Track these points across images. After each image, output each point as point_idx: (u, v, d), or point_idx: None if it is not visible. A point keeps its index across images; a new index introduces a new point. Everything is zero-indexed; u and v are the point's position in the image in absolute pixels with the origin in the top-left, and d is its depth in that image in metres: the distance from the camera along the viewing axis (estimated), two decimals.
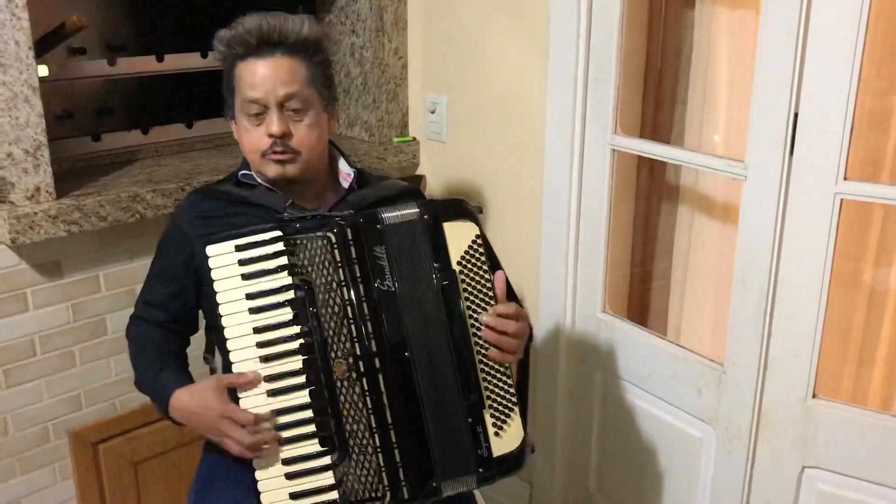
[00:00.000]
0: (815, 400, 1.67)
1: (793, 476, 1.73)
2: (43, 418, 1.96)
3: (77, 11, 1.99)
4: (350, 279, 1.38)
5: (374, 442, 1.38)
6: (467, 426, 1.40)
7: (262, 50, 1.47)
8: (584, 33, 1.91)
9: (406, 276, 1.40)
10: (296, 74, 1.48)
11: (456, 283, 1.40)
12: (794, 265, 1.64)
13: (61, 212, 1.79)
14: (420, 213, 1.41)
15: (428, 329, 1.40)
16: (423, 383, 1.39)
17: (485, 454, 1.41)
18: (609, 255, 2.03)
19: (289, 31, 1.48)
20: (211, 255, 1.39)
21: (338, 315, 1.38)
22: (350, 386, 1.37)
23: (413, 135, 2.48)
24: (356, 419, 1.38)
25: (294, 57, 1.49)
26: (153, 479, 2.16)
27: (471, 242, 1.42)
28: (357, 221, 1.40)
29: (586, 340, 2.11)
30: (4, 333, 1.86)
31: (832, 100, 1.52)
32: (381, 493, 1.38)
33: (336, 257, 1.38)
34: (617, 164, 1.97)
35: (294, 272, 1.38)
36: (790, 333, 1.67)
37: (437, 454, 1.40)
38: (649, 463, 2.04)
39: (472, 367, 1.40)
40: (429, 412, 1.40)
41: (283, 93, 1.47)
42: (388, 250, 1.39)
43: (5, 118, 1.72)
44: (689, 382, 1.88)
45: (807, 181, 1.58)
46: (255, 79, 1.47)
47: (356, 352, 1.38)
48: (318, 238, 1.38)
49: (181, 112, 2.37)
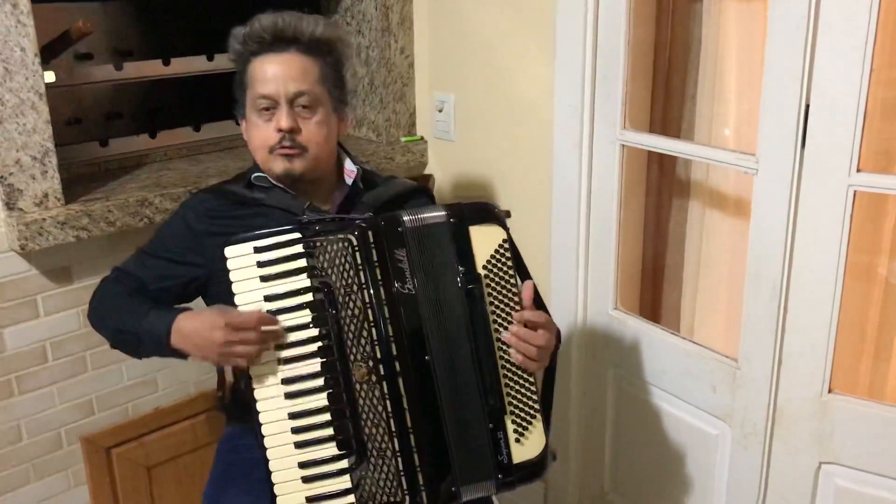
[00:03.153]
0: (830, 395, 1.65)
1: (810, 472, 1.71)
2: (55, 424, 1.96)
3: (82, 17, 1.98)
4: (371, 281, 1.37)
5: (394, 446, 1.37)
6: (488, 431, 1.40)
7: (275, 46, 1.50)
8: (591, 28, 1.90)
9: (427, 279, 1.39)
10: (308, 72, 1.50)
11: (480, 287, 1.39)
12: (808, 259, 1.62)
13: (70, 218, 1.79)
14: (447, 215, 1.40)
15: (449, 333, 1.39)
16: (443, 387, 1.39)
17: (505, 460, 1.40)
18: (620, 251, 2.02)
19: (303, 30, 1.50)
20: (230, 257, 1.39)
21: (358, 318, 1.37)
22: (370, 389, 1.37)
23: (421, 134, 2.48)
24: (375, 423, 1.37)
25: (307, 55, 1.51)
26: (166, 484, 2.16)
27: (497, 247, 1.41)
28: (378, 224, 1.39)
29: (598, 338, 2.10)
30: (16, 340, 1.86)
31: (844, 91, 1.50)
32: (400, 497, 1.38)
33: (357, 259, 1.37)
34: (626, 160, 1.95)
35: (313, 274, 1.38)
36: (805, 328, 1.65)
37: (457, 459, 1.39)
38: (664, 461, 2.03)
39: (495, 373, 1.40)
40: (448, 416, 1.39)
41: (293, 89, 1.49)
42: (410, 253, 1.38)
43: (12, 125, 1.72)
44: (704, 379, 1.87)
45: (819, 173, 1.56)
46: (267, 74, 1.49)
47: (376, 355, 1.37)
48: (339, 240, 1.37)
49: (189, 116, 2.37)
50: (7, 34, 1.68)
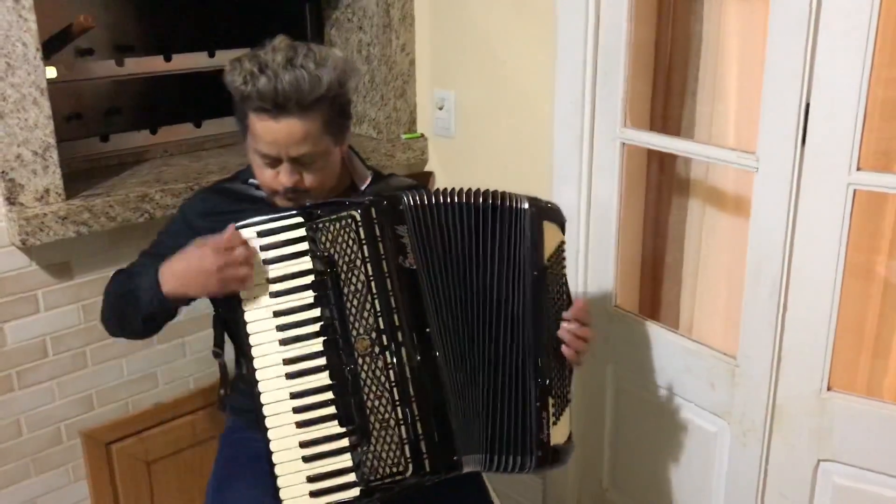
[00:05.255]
0: (829, 393, 1.66)
1: (808, 469, 1.72)
2: (55, 419, 1.96)
3: (84, 12, 1.98)
4: (373, 256, 1.40)
5: (397, 415, 1.39)
6: (535, 409, 1.44)
7: (275, 113, 1.41)
8: (592, 26, 1.90)
9: (434, 256, 1.42)
10: (309, 133, 1.44)
11: (545, 277, 1.44)
12: (808, 257, 1.62)
13: (70, 213, 1.80)
14: (530, 206, 1.45)
15: (461, 310, 1.43)
16: (447, 362, 1.42)
17: (545, 439, 1.45)
18: (620, 249, 2.02)
19: (305, 94, 1.40)
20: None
21: (361, 292, 1.40)
22: (373, 360, 1.39)
23: (421, 131, 2.48)
24: (378, 394, 1.39)
25: (308, 116, 1.43)
26: (166, 479, 2.16)
27: (557, 246, 1.47)
28: (380, 202, 1.42)
29: (598, 335, 2.09)
30: (16, 335, 1.86)
31: (844, 89, 1.50)
32: (403, 466, 1.39)
33: (361, 235, 1.40)
34: (627, 158, 1.96)
35: (316, 256, 1.40)
36: (804, 326, 1.65)
37: (461, 428, 1.42)
38: (663, 457, 2.03)
39: (548, 357, 1.45)
40: (453, 390, 1.42)
41: (294, 154, 1.45)
42: (412, 230, 1.42)
43: (14, 120, 1.72)
44: (702, 376, 1.87)
45: (819, 172, 1.57)
46: (267, 137, 1.43)
47: (379, 326, 1.39)
48: (342, 218, 1.40)
49: (189, 112, 2.36)
50: (9, 29, 1.68)
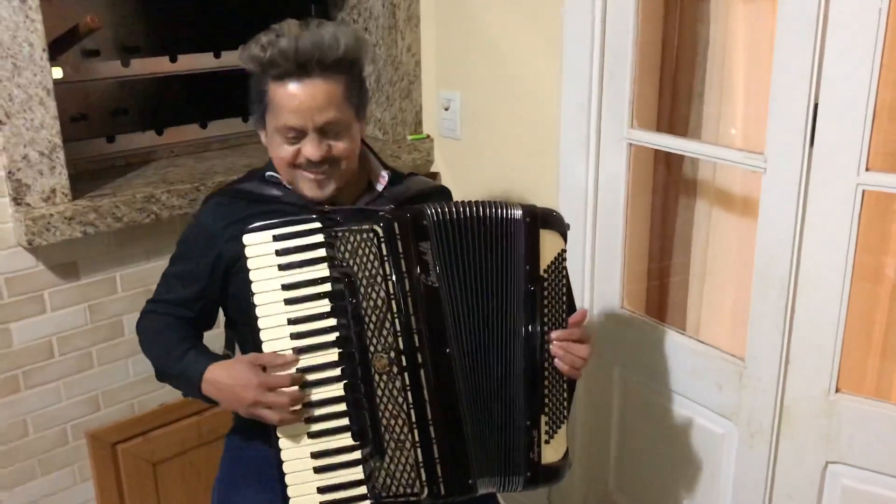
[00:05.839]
0: (837, 395, 1.65)
1: (816, 472, 1.71)
2: (62, 419, 1.96)
3: (90, 13, 1.98)
4: (395, 273, 1.36)
5: (413, 437, 1.37)
6: (525, 428, 1.41)
7: (297, 73, 1.40)
8: (598, 27, 1.89)
9: (456, 273, 1.39)
10: (333, 97, 1.42)
11: (541, 290, 1.40)
12: (816, 258, 1.61)
13: (77, 213, 1.80)
14: (523, 214, 1.40)
15: (479, 327, 1.40)
16: (465, 381, 1.39)
17: (535, 458, 1.41)
18: (627, 250, 2.01)
19: (326, 52, 1.40)
20: (248, 244, 1.38)
21: (381, 308, 1.36)
22: (390, 380, 1.37)
23: (427, 132, 2.47)
24: (394, 413, 1.37)
25: (331, 78, 1.42)
26: (172, 480, 2.16)
27: (556, 255, 1.42)
28: (404, 216, 1.37)
29: (604, 336, 2.09)
30: (23, 335, 1.86)
31: (853, 90, 1.49)
32: (419, 488, 1.38)
33: (382, 250, 1.36)
34: (634, 159, 1.95)
35: (333, 264, 1.37)
36: (812, 327, 1.65)
37: (477, 450, 1.40)
38: (670, 460, 2.02)
39: (541, 375, 1.41)
40: (470, 410, 1.39)
41: (321, 121, 1.42)
42: (436, 246, 1.38)
43: (20, 120, 1.73)
44: (710, 378, 1.86)
45: (828, 172, 1.56)
46: (292, 104, 1.41)
47: (398, 346, 1.36)
48: (364, 231, 1.36)
49: (195, 112, 2.37)
50: (16, 30, 1.68)
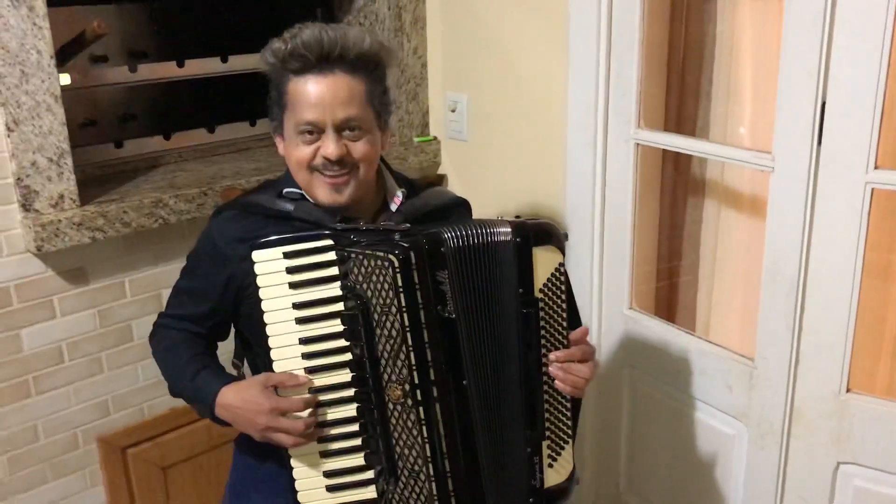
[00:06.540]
0: (848, 394, 1.64)
1: (828, 472, 1.70)
2: (72, 424, 1.97)
3: (97, 19, 1.99)
4: (410, 305, 1.30)
5: (428, 470, 1.33)
6: (526, 456, 1.38)
7: (319, 66, 1.37)
8: (604, 27, 1.89)
9: (472, 302, 1.35)
10: (355, 94, 1.38)
11: (537, 312, 1.36)
12: (825, 257, 1.61)
13: (85, 219, 1.80)
14: (512, 235, 1.35)
15: (495, 356, 1.36)
16: (481, 411, 1.36)
17: (537, 485, 1.39)
18: (635, 251, 2.01)
19: (350, 47, 1.37)
20: (257, 261, 1.33)
21: (395, 339, 1.31)
22: (405, 411, 1.33)
23: (434, 134, 2.47)
24: (408, 444, 1.33)
25: (353, 74, 1.38)
26: (182, 484, 2.16)
27: (554, 270, 1.38)
28: (420, 243, 1.31)
29: (613, 338, 2.09)
30: (33, 341, 1.87)
31: (860, 87, 1.49)
32: None
33: (398, 281, 1.29)
34: (641, 159, 1.95)
35: (346, 285, 1.32)
36: (822, 327, 1.64)
37: (491, 483, 1.38)
38: (680, 461, 2.02)
39: (540, 399, 1.38)
40: (485, 440, 1.37)
41: (341, 116, 1.38)
42: (452, 275, 1.33)
43: (28, 127, 1.73)
44: (720, 378, 1.86)
45: (836, 171, 1.55)
46: (312, 98, 1.37)
47: (413, 379, 1.32)
48: (379, 258, 1.29)
49: (203, 117, 2.37)
50: (23, 37, 1.69)
